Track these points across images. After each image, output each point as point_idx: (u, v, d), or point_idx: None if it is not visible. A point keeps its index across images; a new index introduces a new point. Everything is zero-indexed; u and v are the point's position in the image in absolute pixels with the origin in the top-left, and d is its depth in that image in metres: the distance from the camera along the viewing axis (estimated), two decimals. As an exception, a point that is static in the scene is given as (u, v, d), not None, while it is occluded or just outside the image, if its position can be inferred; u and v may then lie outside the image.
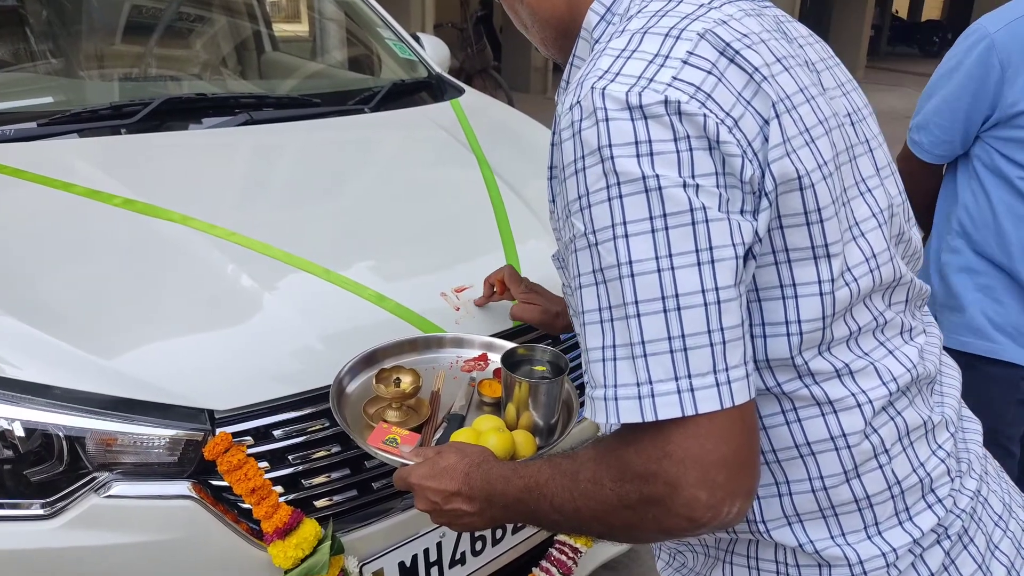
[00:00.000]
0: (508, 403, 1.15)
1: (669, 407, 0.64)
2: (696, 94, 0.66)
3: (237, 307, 1.33)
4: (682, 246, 0.64)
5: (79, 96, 2.09)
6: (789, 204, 0.68)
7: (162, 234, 1.43)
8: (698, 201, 0.64)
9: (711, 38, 0.69)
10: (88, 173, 1.57)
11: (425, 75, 2.57)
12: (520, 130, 2.41)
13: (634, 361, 0.65)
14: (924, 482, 0.76)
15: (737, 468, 0.65)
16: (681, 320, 0.64)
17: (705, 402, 0.63)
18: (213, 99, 2.05)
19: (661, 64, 0.67)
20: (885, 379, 0.74)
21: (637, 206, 0.64)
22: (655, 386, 0.64)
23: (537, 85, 10.86)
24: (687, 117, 0.65)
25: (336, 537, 1.24)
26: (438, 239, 1.66)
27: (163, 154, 1.78)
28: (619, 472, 0.69)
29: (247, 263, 1.39)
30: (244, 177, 1.81)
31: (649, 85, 0.66)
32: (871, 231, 0.75)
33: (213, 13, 2.80)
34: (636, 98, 0.65)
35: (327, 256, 1.44)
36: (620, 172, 0.64)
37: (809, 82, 0.74)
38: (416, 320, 1.39)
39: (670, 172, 0.64)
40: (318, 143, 2.02)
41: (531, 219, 1.76)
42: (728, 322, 0.64)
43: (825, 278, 0.70)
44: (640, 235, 0.64)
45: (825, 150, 0.71)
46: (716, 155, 0.65)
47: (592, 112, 0.66)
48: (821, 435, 0.73)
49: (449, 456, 0.91)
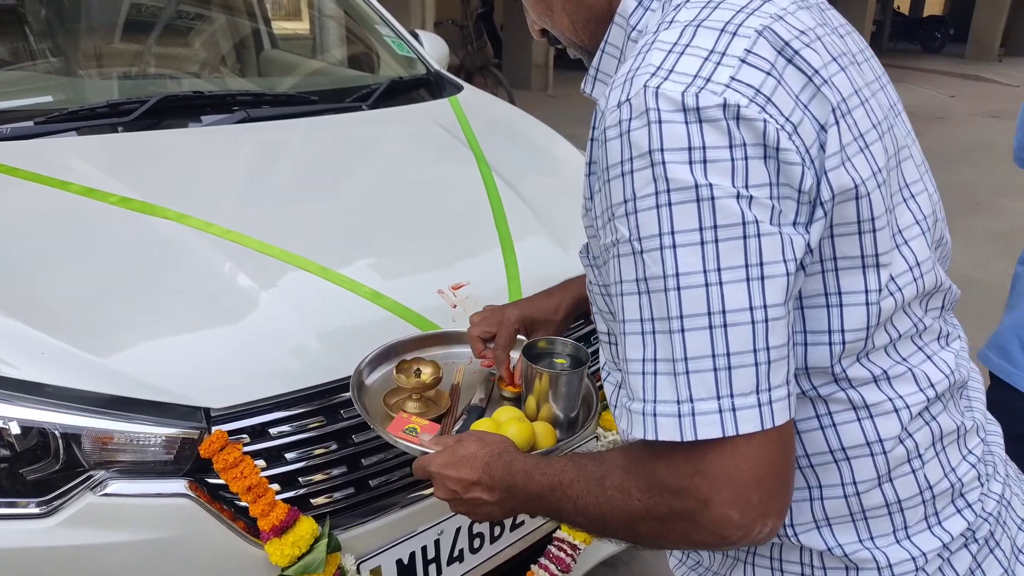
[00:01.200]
0: (528, 395, 1.14)
1: (710, 427, 0.62)
2: (756, 97, 0.62)
3: (233, 305, 1.33)
4: (732, 260, 0.61)
5: (76, 94, 2.09)
6: (844, 214, 0.66)
7: (159, 232, 1.43)
8: (751, 214, 0.61)
9: (769, 35, 0.65)
10: (85, 171, 1.57)
11: (424, 72, 2.57)
12: (519, 127, 2.40)
13: (676, 378, 0.63)
14: (955, 487, 0.75)
15: (772, 488, 0.64)
16: (727, 337, 0.61)
17: (746, 422, 0.62)
18: (211, 97, 2.05)
19: (717, 62, 0.63)
20: (923, 385, 0.73)
21: (687, 215, 0.61)
22: (696, 404, 0.62)
23: (538, 82, 10.85)
24: (745, 122, 0.62)
25: (333, 535, 1.24)
26: (435, 237, 1.66)
27: (160, 152, 1.78)
28: (648, 484, 0.67)
29: (244, 261, 1.39)
30: (241, 175, 1.81)
31: (707, 85, 0.62)
32: (915, 239, 0.73)
33: (211, 11, 2.79)
34: (693, 99, 0.61)
35: (324, 254, 1.44)
36: (671, 179, 0.61)
37: (863, 82, 0.72)
38: (413, 318, 1.38)
39: (723, 181, 0.61)
40: (316, 141, 2.02)
41: (529, 217, 1.76)
42: (775, 341, 0.62)
43: (872, 288, 0.68)
44: (689, 246, 0.61)
45: (879, 156, 0.69)
46: (771, 164, 0.62)
47: (644, 112, 0.62)
48: (856, 440, 0.71)
49: (469, 445, 0.89)
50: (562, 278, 1.64)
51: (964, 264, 4.39)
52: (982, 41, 16.44)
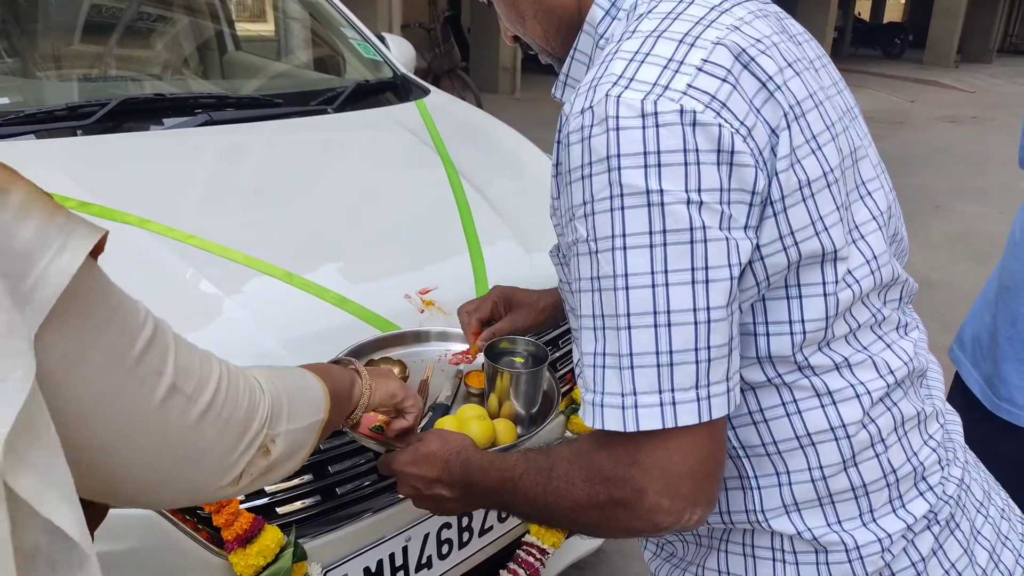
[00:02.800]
0: (491, 393, 1.18)
1: (650, 419, 0.66)
2: (711, 103, 0.65)
3: (196, 311, 1.31)
4: (678, 263, 0.64)
5: (34, 97, 2.05)
6: (796, 213, 0.69)
7: (118, 238, 1.40)
8: (699, 219, 0.64)
9: (728, 43, 0.69)
10: (42, 176, 1.52)
11: (390, 75, 2.56)
12: (486, 131, 2.40)
13: (621, 372, 0.67)
14: (917, 471, 0.78)
15: (701, 479, 0.68)
16: (670, 336, 0.65)
17: (684, 415, 0.66)
18: (172, 99, 2.02)
19: (676, 70, 0.67)
20: (883, 372, 0.76)
21: (638, 219, 0.64)
22: (639, 397, 0.66)
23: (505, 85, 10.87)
24: (701, 127, 0.64)
25: (299, 544, 1.23)
26: (402, 241, 1.65)
27: (120, 156, 1.75)
28: (590, 473, 0.71)
29: (206, 267, 1.37)
30: (203, 179, 1.78)
31: (664, 93, 0.65)
32: (871, 233, 0.76)
33: (174, 12, 2.75)
34: (651, 106, 0.65)
35: (288, 259, 1.42)
36: (625, 184, 0.64)
37: (817, 86, 0.74)
38: (379, 323, 1.37)
39: (675, 187, 0.64)
40: (280, 144, 2.00)
41: (496, 220, 1.76)
42: (716, 341, 0.66)
43: (829, 280, 0.71)
44: (638, 248, 0.65)
45: (832, 156, 0.72)
46: (724, 169, 0.65)
47: (604, 119, 0.65)
48: (821, 426, 0.74)
49: (431, 443, 0.94)
50: (529, 281, 1.64)
51: (922, 266, 4.48)
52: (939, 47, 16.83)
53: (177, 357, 0.59)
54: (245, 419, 0.65)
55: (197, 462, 0.62)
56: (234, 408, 0.64)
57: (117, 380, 0.54)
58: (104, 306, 0.54)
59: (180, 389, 0.59)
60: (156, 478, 0.60)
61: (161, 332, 0.59)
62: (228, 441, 0.64)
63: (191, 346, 0.63)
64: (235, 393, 0.64)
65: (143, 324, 0.57)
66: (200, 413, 0.60)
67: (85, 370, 0.52)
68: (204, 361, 0.62)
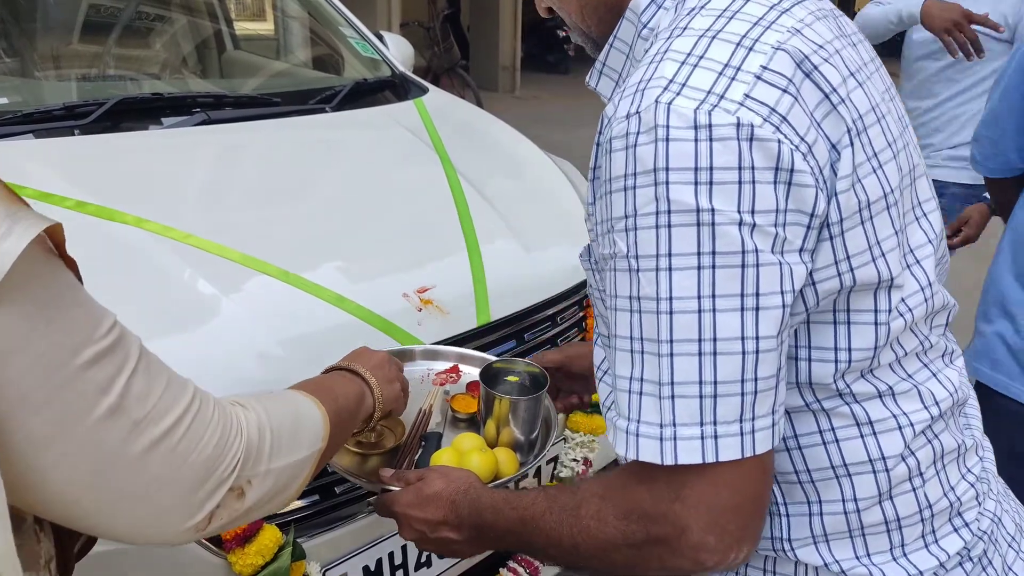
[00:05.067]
0: (488, 419, 1.12)
1: (690, 453, 0.62)
2: (770, 116, 0.60)
3: (193, 311, 1.31)
4: (727, 288, 0.60)
5: (31, 96, 2.04)
6: (853, 237, 0.64)
7: (116, 237, 1.40)
8: (751, 242, 0.60)
9: (789, 49, 0.63)
10: (40, 175, 1.53)
11: (389, 74, 2.55)
12: (485, 130, 2.40)
13: (660, 401, 0.62)
14: (954, 506, 0.75)
15: (749, 515, 0.64)
16: (715, 366, 0.61)
17: (727, 450, 0.61)
18: (170, 99, 2.02)
19: (732, 77, 0.62)
20: (927, 403, 0.71)
21: (686, 239, 0.60)
22: (678, 429, 0.62)
23: (505, 84, 10.86)
24: (758, 143, 0.60)
25: (297, 543, 1.23)
26: (400, 240, 1.65)
27: (118, 155, 1.75)
28: (626, 510, 0.67)
29: (204, 266, 1.37)
30: (201, 178, 1.78)
31: (720, 103, 0.60)
32: (926, 259, 0.72)
33: (172, 12, 2.75)
34: (705, 117, 0.60)
35: (286, 258, 1.42)
36: (673, 199, 0.60)
37: (879, 97, 0.70)
38: (377, 321, 1.37)
39: (727, 206, 0.59)
40: (277, 143, 2.00)
41: (495, 219, 1.76)
42: (763, 372, 0.62)
43: (882, 308, 0.67)
44: (684, 270, 0.60)
45: (892, 176, 0.67)
46: (781, 189, 0.60)
47: (652, 128, 0.61)
48: (859, 457, 0.70)
49: (434, 483, 0.88)
50: (528, 280, 1.65)
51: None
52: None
53: (133, 380, 0.56)
54: (210, 459, 0.61)
55: (146, 497, 0.58)
56: (195, 446, 0.60)
57: (49, 386, 0.51)
58: (50, 306, 0.52)
59: (124, 413, 0.55)
60: (95, 504, 0.56)
61: (120, 349, 0.56)
62: (187, 480, 0.60)
63: (163, 373, 0.60)
64: (199, 430, 0.60)
65: (99, 336, 0.54)
66: (148, 444, 0.56)
67: (13, 368, 0.49)
68: (171, 391, 0.59)
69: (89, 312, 0.55)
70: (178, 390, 0.60)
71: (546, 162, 2.21)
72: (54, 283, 0.53)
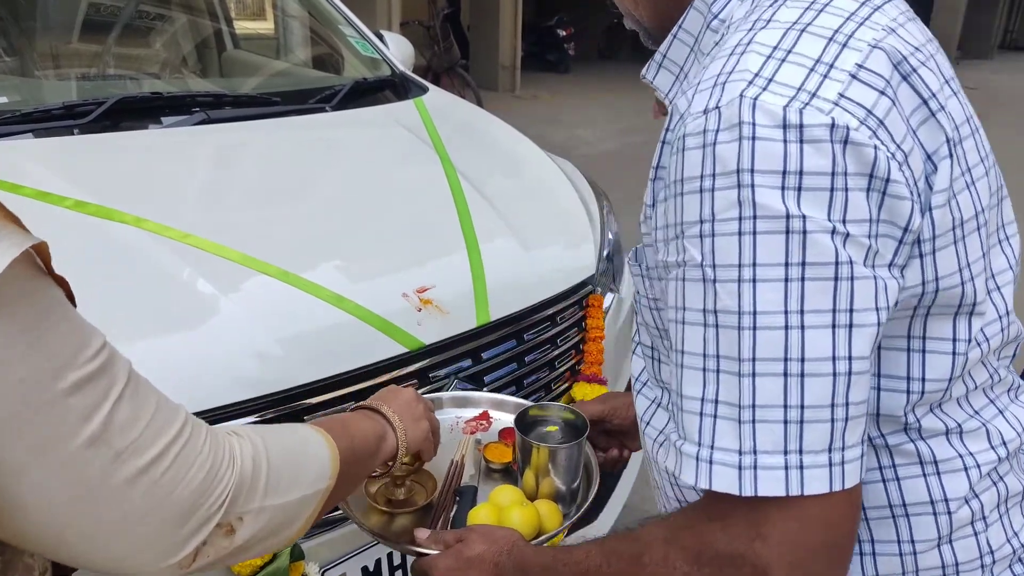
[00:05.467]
0: (525, 469, 1.05)
1: (772, 483, 0.56)
2: (867, 119, 0.56)
3: (192, 310, 1.31)
4: (818, 303, 0.55)
5: (31, 95, 2.04)
6: (945, 257, 0.60)
7: (114, 237, 1.40)
8: (845, 253, 0.55)
9: (886, 48, 0.59)
10: (38, 174, 1.53)
11: (388, 73, 2.55)
12: (485, 129, 2.40)
13: (740, 425, 0.57)
14: (1016, 552, 0.70)
15: (837, 556, 0.59)
16: (803, 388, 0.55)
17: (814, 482, 0.56)
18: (169, 98, 2.01)
19: (824, 74, 0.57)
20: (995, 442, 0.67)
21: (773, 248, 0.55)
22: (759, 457, 0.56)
23: (505, 83, 10.86)
24: (853, 147, 0.55)
25: (296, 543, 1.22)
26: (400, 239, 1.64)
27: (118, 155, 1.74)
28: (697, 552, 0.61)
29: (202, 265, 1.36)
30: (200, 178, 1.78)
31: (812, 101, 0.55)
32: (1006, 285, 0.67)
33: (172, 11, 2.75)
34: (796, 116, 0.55)
35: (285, 257, 1.41)
36: (759, 204, 0.54)
37: (970, 110, 0.65)
38: (376, 321, 1.37)
39: (818, 213, 0.54)
40: (277, 142, 1.99)
41: (494, 218, 1.75)
42: (855, 396, 0.56)
43: (961, 336, 0.63)
44: (771, 282, 0.55)
45: (983, 194, 0.63)
46: (874, 197, 0.56)
47: (736, 124, 0.56)
48: (920, 497, 0.65)
49: (474, 544, 0.83)
50: (528, 280, 1.65)
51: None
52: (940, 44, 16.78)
53: (117, 408, 0.53)
54: (197, 493, 0.58)
55: (125, 531, 0.55)
56: (181, 479, 0.57)
57: (27, 411, 0.49)
58: (33, 327, 0.50)
59: (106, 443, 0.53)
60: (72, 535, 0.54)
61: (106, 375, 0.53)
62: (170, 515, 0.57)
63: (151, 399, 0.57)
64: (186, 462, 0.57)
65: (85, 360, 0.52)
66: (130, 475, 0.54)
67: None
68: (159, 419, 0.57)
69: (75, 334, 0.53)
70: (167, 418, 0.57)
71: (546, 161, 2.21)
72: (39, 303, 0.51)
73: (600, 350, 1.74)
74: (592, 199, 2.09)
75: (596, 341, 1.75)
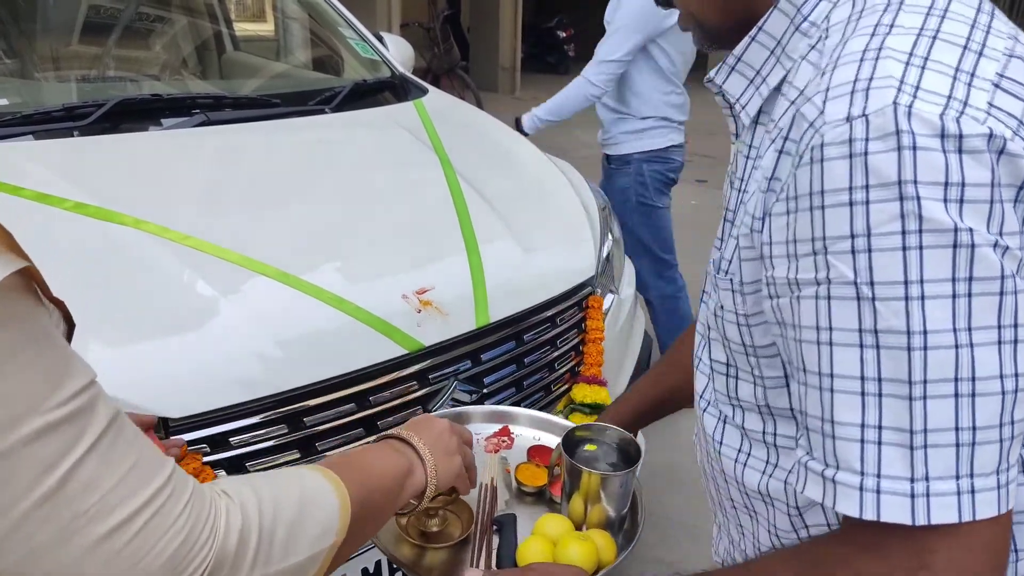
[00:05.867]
0: (574, 494, 0.99)
1: (945, 510, 0.54)
2: (1020, 129, 0.54)
3: (191, 312, 1.31)
4: (984, 319, 0.53)
5: (31, 97, 2.04)
6: None
7: (114, 238, 1.40)
8: (1007, 267, 0.53)
9: (1021, 56, 0.57)
10: (39, 176, 1.53)
11: (388, 75, 2.55)
12: (484, 130, 2.40)
13: (912, 452, 0.54)
14: None
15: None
16: (974, 409, 0.54)
17: (985, 506, 0.54)
18: (169, 100, 2.01)
19: (968, 83, 0.55)
20: None
21: (940, 263, 0.53)
22: (932, 483, 0.54)
23: (505, 85, 10.87)
24: (1008, 158, 0.53)
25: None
26: (399, 241, 1.65)
27: (117, 156, 1.75)
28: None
29: (202, 267, 1.36)
30: (200, 180, 1.78)
31: (966, 110, 0.53)
32: None
33: (172, 13, 2.75)
34: (954, 125, 0.52)
35: (284, 259, 1.42)
36: (926, 217, 0.52)
37: None
38: (376, 323, 1.37)
39: (980, 226, 0.53)
40: (276, 144, 2.00)
41: (494, 219, 1.75)
42: (1020, 414, 0.55)
43: None
44: (939, 299, 0.53)
45: None
46: (1020, 209, 0.54)
47: (893, 133, 0.53)
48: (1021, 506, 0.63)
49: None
50: (528, 281, 1.65)
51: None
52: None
53: (83, 462, 0.47)
54: (166, 567, 0.51)
55: None
56: (148, 550, 0.50)
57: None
58: (9, 362, 0.44)
59: (64, 503, 0.47)
60: None
61: (77, 424, 0.48)
62: None
63: (130, 454, 0.51)
64: (158, 530, 0.51)
65: (56, 403, 0.46)
66: (89, 544, 0.48)
67: None
68: (133, 478, 0.50)
69: (50, 373, 0.47)
70: (143, 477, 0.51)
71: (545, 163, 2.21)
72: (14, 334, 0.46)
73: (600, 351, 1.74)
74: (591, 201, 2.10)
75: (596, 343, 1.75)
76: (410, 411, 1.39)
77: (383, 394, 1.35)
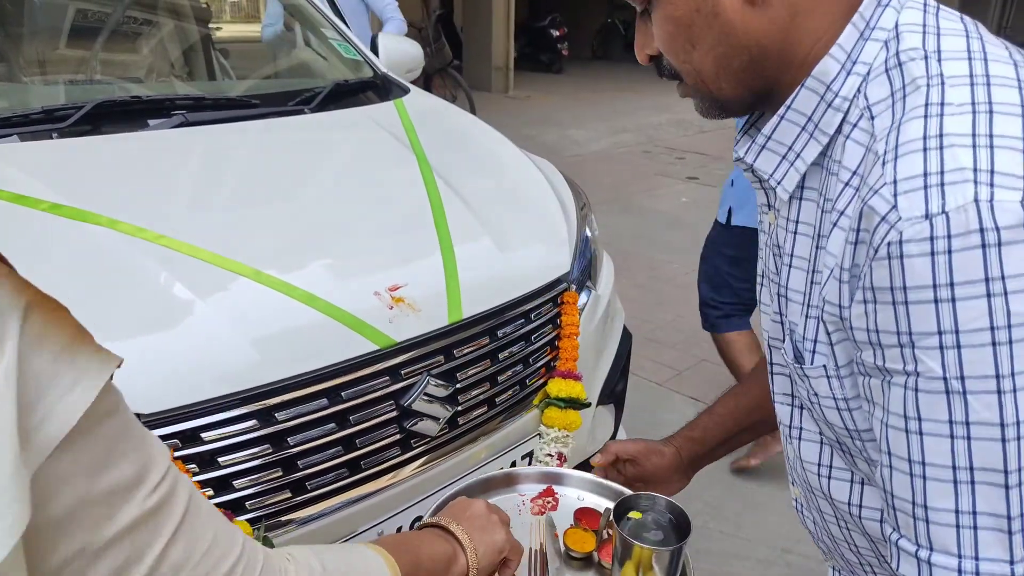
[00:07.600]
0: (626, 563, 1.00)
1: None
2: None
3: (164, 309, 1.32)
4: None
5: (15, 100, 2.06)
6: None
7: (88, 239, 1.42)
8: None
9: None
10: (14, 177, 1.55)
11: (371, 75, 2.57)
12: (464, 129, 2.42)
13: (1011, 536, 0.57)
14: None
15: None
16: None
17: None
18: (149, 101, 2.03)
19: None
20: None
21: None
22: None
23: (498, 84, 10.88)
24: None
25: (268, 538, 1.24)
26: (373, 239, 1.66)
27: (95, 158, 1.76)
28: None
29: (174, 266, 1.38)
30: (176, 180, 1.80)
31: None
32: None
33: (153, 15, 2.77)
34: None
35: (258, 257, 1.43)
36: (1015, 312, 0.53)
37: None
38: (348, 319, 1.39)
39: None
40: (255, 145, 2.01)
41: (470, 218, 1.77)
42: None
43: None
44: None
45: None
46: None
47: (977, 231, 0.53)
48: None
49: None
50: (502, 278, 1.67)
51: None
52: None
53: (171, 547, 0.48)
54: None
55: None
56: None
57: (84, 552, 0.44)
58: (98, 463, 0.45)
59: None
60: None
61: (166, 509, 0.48)
62: None
63: (209, 528, 0.52)
64: None
65: (144, 494, 0.47)
66: None
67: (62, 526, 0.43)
68: (213, 555, 0.51)
69: (140, 459, 0.47)
70: (223, 550, 0.52)
71: (525, 162, 2.23)
72: (110, 432, 0.46)
73: (575, 346, 1.76)
74: (570, 198, 2.11)
75: (571, 338, 1.77)
76: (383, 406, 1.40)
77: (355, 389, 1.37)
